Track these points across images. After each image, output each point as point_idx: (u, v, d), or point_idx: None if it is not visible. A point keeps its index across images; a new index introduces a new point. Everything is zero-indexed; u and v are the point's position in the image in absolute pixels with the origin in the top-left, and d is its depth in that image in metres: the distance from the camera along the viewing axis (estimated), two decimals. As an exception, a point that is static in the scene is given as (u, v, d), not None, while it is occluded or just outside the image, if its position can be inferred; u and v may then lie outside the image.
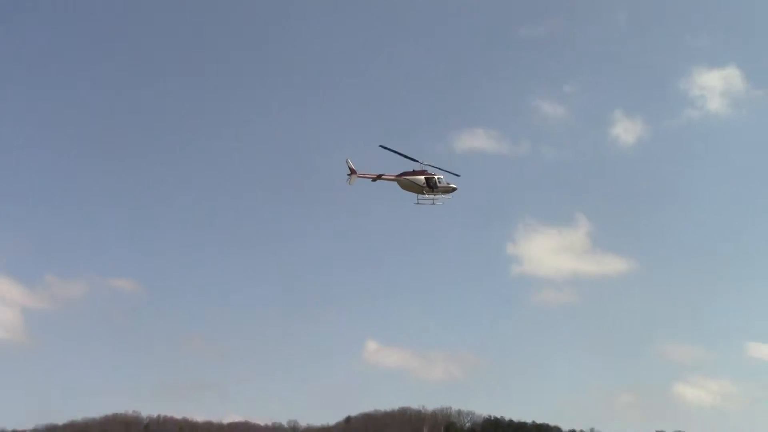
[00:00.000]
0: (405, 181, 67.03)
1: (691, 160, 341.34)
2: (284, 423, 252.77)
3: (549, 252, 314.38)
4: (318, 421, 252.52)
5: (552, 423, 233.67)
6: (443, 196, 68.24)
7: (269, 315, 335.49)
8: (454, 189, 68.88)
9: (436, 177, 67.63)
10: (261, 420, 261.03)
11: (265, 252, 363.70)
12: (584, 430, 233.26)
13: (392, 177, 67.31)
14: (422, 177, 67.23)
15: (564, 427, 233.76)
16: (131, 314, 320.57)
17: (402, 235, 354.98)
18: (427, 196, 67.67)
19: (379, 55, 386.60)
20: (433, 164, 69.71)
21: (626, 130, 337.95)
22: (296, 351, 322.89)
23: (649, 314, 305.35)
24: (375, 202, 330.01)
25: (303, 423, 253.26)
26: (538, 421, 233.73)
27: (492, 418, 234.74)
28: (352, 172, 66.17)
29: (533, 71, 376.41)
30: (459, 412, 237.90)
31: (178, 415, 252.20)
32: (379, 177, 66.63)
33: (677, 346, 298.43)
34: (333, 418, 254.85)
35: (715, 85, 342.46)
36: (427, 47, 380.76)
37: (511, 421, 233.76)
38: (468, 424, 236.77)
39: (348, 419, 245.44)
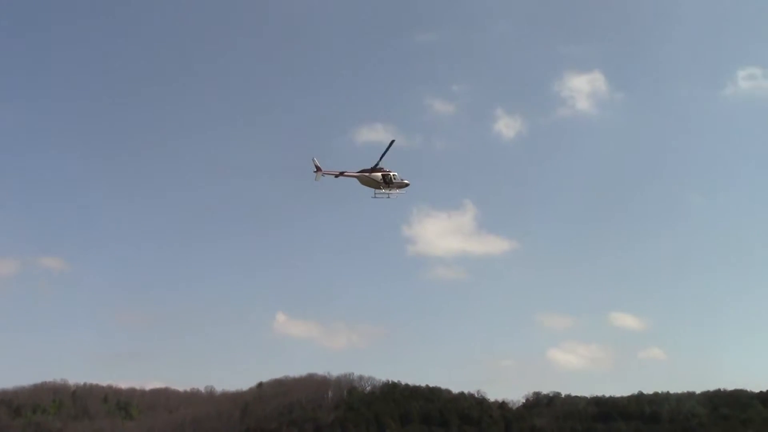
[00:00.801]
0: (364, 178, 73.21)
1: (564, 153, 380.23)
2: (201, 389, 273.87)
3: (440, 234, 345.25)
4: (233, 387, 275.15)
5: (443, 386, 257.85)
6: (397, 191, 74.36)
7: (188, 289, 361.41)
8: (407, 185, 75.29)
9: (391, 174, 73.96)
10: (180, 386, 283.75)
11: (183, 231, 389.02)
12: (471, 392, 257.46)
13: (353, 174, 73.14)
14: (379, 174, 73.42)
15: (454, 389, 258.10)
16: (59, 289, 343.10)
17: (312, 220, 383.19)
18: (383, 191, 73.84)
19: (287, 55, 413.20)
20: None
21: (507, 126, 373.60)
22: (213, 323, 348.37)
23: (527, 288, 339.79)
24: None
25: (219, 388, 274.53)
26: (431, 384, 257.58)
27: (390, 382, 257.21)
28: (318, 169, 71.75)
29: (426, 72, 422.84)
30: (361, 378, 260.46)
31: (104, 383, 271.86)
32: (342, 174, 72.23)
33: (551, 315, 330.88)
34: (246, 383, 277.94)
35: (582, 88, 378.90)
36: (333, 51, 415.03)
37: (407, 385, 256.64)
38: (368, 388, 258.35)
39: (260, 385, 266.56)
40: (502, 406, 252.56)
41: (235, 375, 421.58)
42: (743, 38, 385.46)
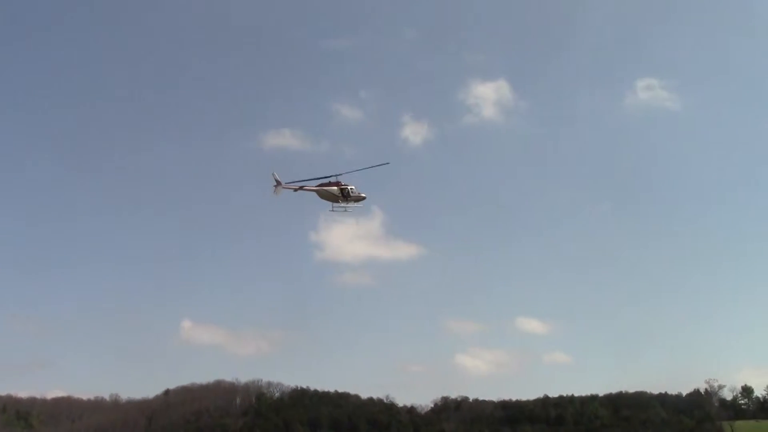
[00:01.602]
0: (323, 192, 74.23)
1: (470, 159, 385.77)
2: (106, 397, 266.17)
3: (347, 239, 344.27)
4: (139, 395, 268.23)
5: (352, 392, 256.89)
6: (354, 204, 75.35)
7: (91, 296, 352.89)
8: (364, 198, 76.14)
9: (348, 187, 74.78)
10: (84, 394, 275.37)
11: (85, 237, 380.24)
12: (380, 397, 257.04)
13: (312, 188, 74.16)
14: (336, 188, 74.27)
15: (362, 395, 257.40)
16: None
17: (218, 225, 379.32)
18: (341, 204, 74.75)
19: (193, 59, 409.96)
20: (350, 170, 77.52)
21: (414, 133, 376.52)
22: (116, 330, 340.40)
23: (435, 293, 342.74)
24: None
25: (124, 396, 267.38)
26: (340, 390, 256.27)
27: (299, 388, 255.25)
28: (278, 183, 72.12)
29: (334, 79, 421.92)
30: (269, 384, 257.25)
31: (2, 393, 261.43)
32: (301, 188, 73.30)
33: (458, 321, 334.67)
34: (153, 391, 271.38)
35: (488, 96, 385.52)
36: (240, 55, 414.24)
37: (316, 390, 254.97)
38: (277, 395, 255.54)
39: (167, 392, 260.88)
40: (411, 411, 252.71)
41: (141, 382, 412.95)
42: (641, 49, 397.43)
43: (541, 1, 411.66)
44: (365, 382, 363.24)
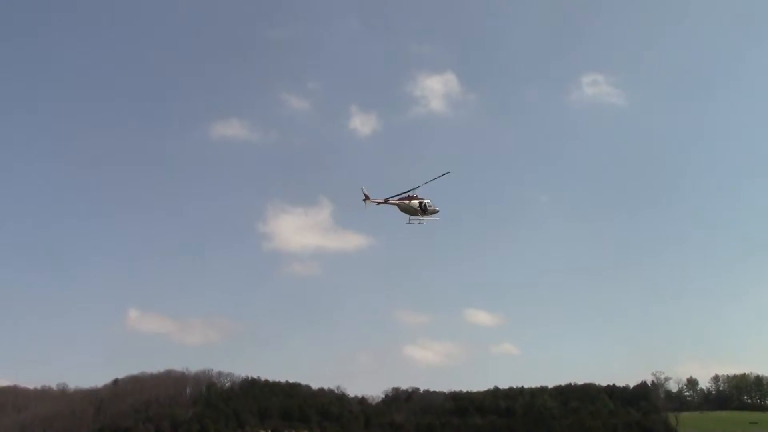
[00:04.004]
0: (404, 205, 77.77)
1: (418, 150, 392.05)
2: (53, 386, 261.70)
3: (296, 230, 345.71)
4: (87, 384, 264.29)
5: (303, 382, 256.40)
6: (429, 217, 78.55)
7: (33, 283, 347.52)
8: (437, 211, 79.68)
9: (426, 201, 78.18)
10: (30, 384, 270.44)
11: (31, 226, 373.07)
12: (331, 388, 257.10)
13: (395, 202, 77.65)
14: (416, 201, 78.00)
15: (314, 385, 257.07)
16: None
17: (166, 215, 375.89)
18: (418, 217, 77.98)
19: (140, 48, 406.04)
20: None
21: (363, 123, 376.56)
22: (62, 318, 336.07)
23: (384, 285, 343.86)
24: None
25: (72, 385, 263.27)
26: (291, 380, 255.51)
27: (250, 378, 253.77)
28: (366, 197, 76.23)
29: (282, 69, 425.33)
30: (220, 374, 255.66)
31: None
32: (386, 201, 77.13)
33: (407, 312, 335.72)
34: (102, 380, 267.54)
35: (436, 88, 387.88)
36: (188, 45, 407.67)
37: (266, 380, 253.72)
38: (227, 384, 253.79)
39: (116, 381, 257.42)
40: (362, 401, 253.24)
41: (90, 372, 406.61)
42: (587, 45, 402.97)
43: None
44: (316, 372, 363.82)
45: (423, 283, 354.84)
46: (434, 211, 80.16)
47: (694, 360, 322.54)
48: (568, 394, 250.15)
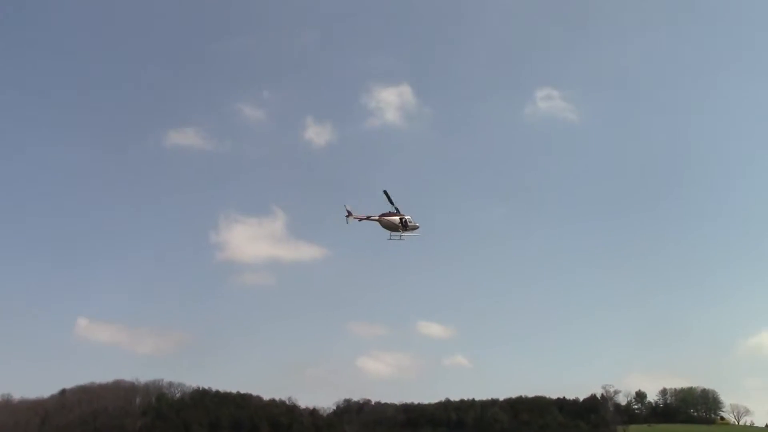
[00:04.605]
0: (385, 221, 78.86)
1: (373, 163, 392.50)
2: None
3: (249, 239, 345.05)
4: (33, 394, 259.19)
5: (254, 393, 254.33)
6: (410, 233, 79.33)
7: None
8: (418, 227, 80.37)
9: (406, 218, 79.08)
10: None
11: None
12: (282, 399, 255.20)
13: (376, 218, 79.12)
14: (397, 218, 79.04)
15: (264, 396, 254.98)
16: None
17: (116, 223, 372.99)
18: (399, 233, 78.73)
19: (95, 54, 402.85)
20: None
21: (317, 134, 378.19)
22: (8, 326, 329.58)
23: (337, 296, 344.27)
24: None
25: (17, 396, 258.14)
26: (242, 391, 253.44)
27: (200, 389, 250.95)
28: (349, 213, 78.43)
29: (237, 78, 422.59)
30: (170, 384, 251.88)
31: None
32: (368, 218, 78.81)
33: (360, 324, 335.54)
34: (48, 391, 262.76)
35: (391, 100, 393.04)
36: (142, 52, 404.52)
37: (217, 391, 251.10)
38: (178, 395, 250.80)
39: (63, 391, 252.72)
40: (313, 413, 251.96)
41: (36, 382, 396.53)
42: (542, 59, 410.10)
43: (445, 7, 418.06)
44: (267, 383, 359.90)
45: (377, 295, 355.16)
46: (415, 227, 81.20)
47: (644, 373, 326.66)
48: (518, 406, 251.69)
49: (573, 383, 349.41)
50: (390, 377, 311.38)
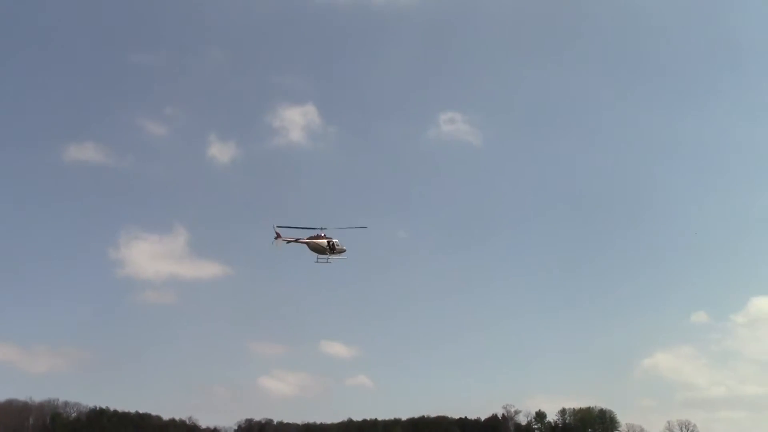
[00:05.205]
0: (313, 244, 79.54)
1: (276, 181, 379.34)
2: None
3: (150, 256, 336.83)
4: None
5: (154, 413, 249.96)
6: (337, 256, 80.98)
7: None
8: (344, 250, 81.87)
9: (333, 241, 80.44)
10: None
11: None
12: (183, 419, 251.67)
13: (304, 241, 79.85)
14: (325, 241, 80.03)
15: (164, 416, 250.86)
16: None
17: (11, 238, 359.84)
18: (326, 255, 79.98)
19: None
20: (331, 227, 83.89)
21: (221, 152, 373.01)
22: None
23: (238, 314, 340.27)
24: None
25: None
26: (141, 411, 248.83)
27: (98, 408, 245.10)
28: (278, 235, 77.42)
29: (139, 93, 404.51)
30: (66, 404, 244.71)
31: None
32: (296, 240, 78.96)
33: (261, 343, 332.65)
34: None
35: (296, 119, 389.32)
36: (40, 63, 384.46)
37: (115, 411, 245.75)
38: (74, 415, 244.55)
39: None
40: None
41: None
42: (446, 82, 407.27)
43: (349, 28, 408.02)
44: (168, 403, 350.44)
45: (279, 314, 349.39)
46: (342, 251, 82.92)
47: (543, 393, 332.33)
48: (420, 425, 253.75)
49: (475, 403, 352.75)
50: (292, 397, 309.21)
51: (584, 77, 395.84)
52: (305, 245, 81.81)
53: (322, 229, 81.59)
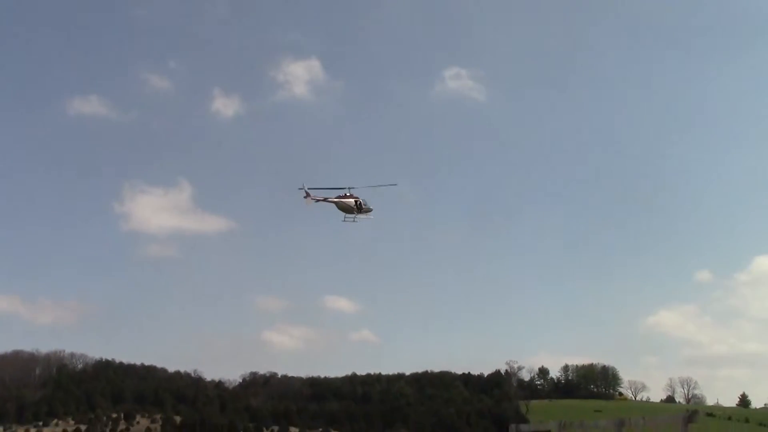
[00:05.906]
0: (341, 204, 75.45)
1: (280, 136, 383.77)
2: None
3: (154, 210, 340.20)
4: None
5: (159, 365, 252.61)
6: (364, 216, 76.80)
7: None
8: (371, 210, 77.99)
9: (361, 200, 76.47)
10: None
11: None
12: (188, 371, 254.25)
13: (333, 200, 76.05)
14: (353, 200, 76.11)
15: (169, 368, 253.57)
16: None
17: (18, 193, 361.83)
18: (353, 215, 75.83)
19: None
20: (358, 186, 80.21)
21: (225, 106, 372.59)
22: None
23: (243, 268, 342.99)
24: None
25: None
26: (147, 363, 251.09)
27: (103, 360, 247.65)
28: (308, 195, 74.16)
29: (143, 47, 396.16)
30: (72, 355, 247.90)
31: None
32: (325, 199, 75.56)
33: (266, 297, 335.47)
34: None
35: (300, 74, 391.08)
36: (45, 18, 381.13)
37: (121, 363, 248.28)
38: (80, 366, 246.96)
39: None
40: (219, 385, 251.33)
41: None
42: (452, 38, 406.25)
43: None
44: (172, 355, 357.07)
45: (283, 268, 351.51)
46: (369, 210, 78.94)
47: (547, 350, 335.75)
48: (424, 381, 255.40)
49: (478, 359, 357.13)
50: (296, 351, 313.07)
51: (593, 31, 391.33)
52: (333, 204, 78.23)
53: (349, 188, 78.10)
